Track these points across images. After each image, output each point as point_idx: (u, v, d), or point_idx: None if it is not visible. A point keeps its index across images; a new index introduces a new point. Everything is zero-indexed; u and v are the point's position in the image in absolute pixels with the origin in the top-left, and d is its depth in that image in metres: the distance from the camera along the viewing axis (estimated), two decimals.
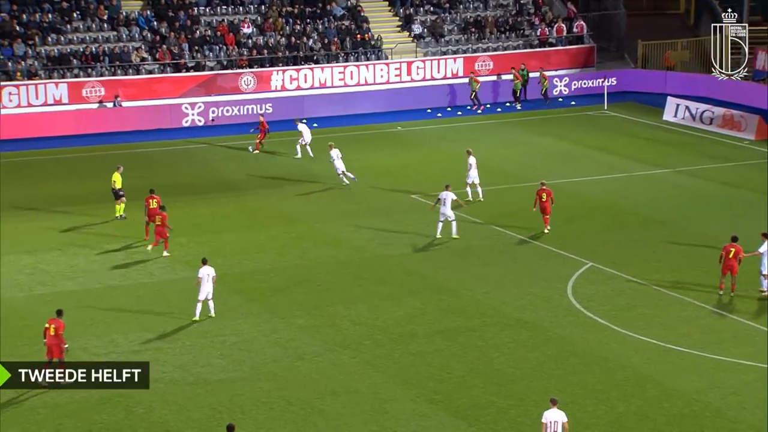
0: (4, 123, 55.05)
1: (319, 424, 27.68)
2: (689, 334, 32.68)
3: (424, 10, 67.17)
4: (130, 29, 61.49)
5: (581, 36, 67.38)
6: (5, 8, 60.26)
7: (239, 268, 38.18)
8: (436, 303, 35.19)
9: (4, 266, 38.14)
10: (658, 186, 48.18)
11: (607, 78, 64.00)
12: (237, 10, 64.43)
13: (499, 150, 53.92)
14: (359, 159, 51.95)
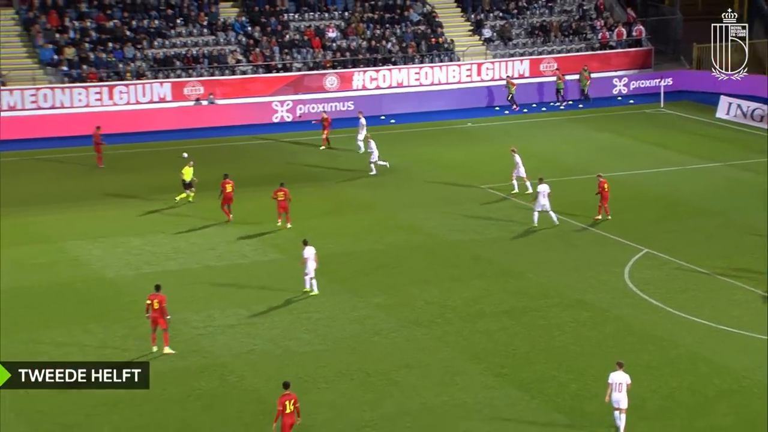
0: (114, 118, 55.74)
1: (395, 394, 27.87)
2: (739, 316, 32.42)
3: (493, 16, 66.92)
4: (227, 34, 61.98)
5: (640, 39, 66.75)
6: (117, 15, 61.08)
7: (322, 252, 38.21)
8: (501, 285, 35.22)
9: (118, 247, 38.80)
10: (710, 179, 47.71)
11: (664, 78, 63.38)
12: (323, 16, 64.68)
13: (562, 145, 53.67)
14: (432, 153, 52.11)
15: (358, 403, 27.37)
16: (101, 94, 57.08)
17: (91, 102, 56.83)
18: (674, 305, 33.22)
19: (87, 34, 59.71)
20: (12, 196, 44.93)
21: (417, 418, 26.56)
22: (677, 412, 26.78)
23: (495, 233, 40.40)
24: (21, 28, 59.84)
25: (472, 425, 26.24)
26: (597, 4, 68.56)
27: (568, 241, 39.39)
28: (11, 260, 37.47)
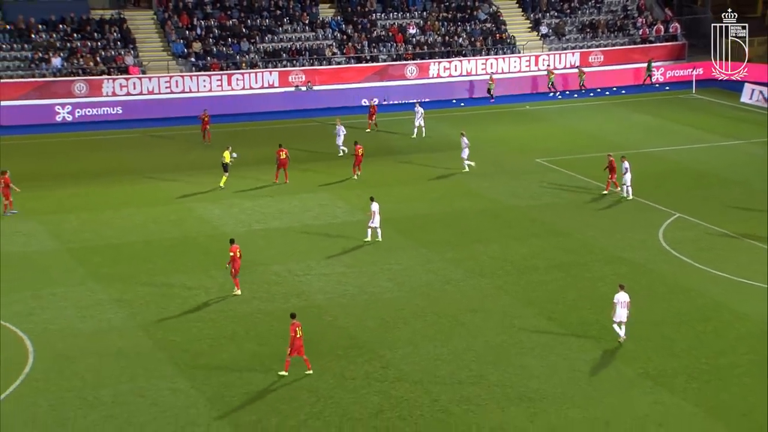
0: (232, 101, 56.19)
1: (462, 334, 27.86)
2: (759, 271, 31.85)
3: (549, 15, 66.01)
4: (325, 30, 62.03)
5: (675, 35, 65.34)
6: (235, 15, 61.47)
7: (401, 214, 38.45)
8: (553, 243, 34.92)
9: (234, 207, 39.18)
10: (735, 154, 46.77)
11: (696, 68, 62.05)
12: (404, 15, 64.37)
13: (606, 124, 52.97)
14: (495, 131, 51.71)
15: (431, 340, 27.40)
16: (221, 81, 57.55)
17: (213, 88, 57.37)
18: (702, 261, 32.68)
19: (211, 31, 60.21)
20: (148, 164, 45.61)
21: (480, 354, 26.53)
22: (703, 351, 26.44)
23: (548, 199, 40.02)
24: (157, 26, 60.57)
25: (526, 361, 26.13)
26: (639, 4, 67.30)
27: (612, 207, 38.86)
28: (150, 218, 38.11)
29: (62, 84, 54.93)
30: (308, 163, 44.26)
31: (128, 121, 53.87)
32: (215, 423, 23.27)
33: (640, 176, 41.14)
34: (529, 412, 23.51)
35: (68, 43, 57.26)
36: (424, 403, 23.99)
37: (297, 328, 25.02)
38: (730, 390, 24.39)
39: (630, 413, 23.36)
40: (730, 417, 23.15)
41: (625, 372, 25.33)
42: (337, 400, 24.21)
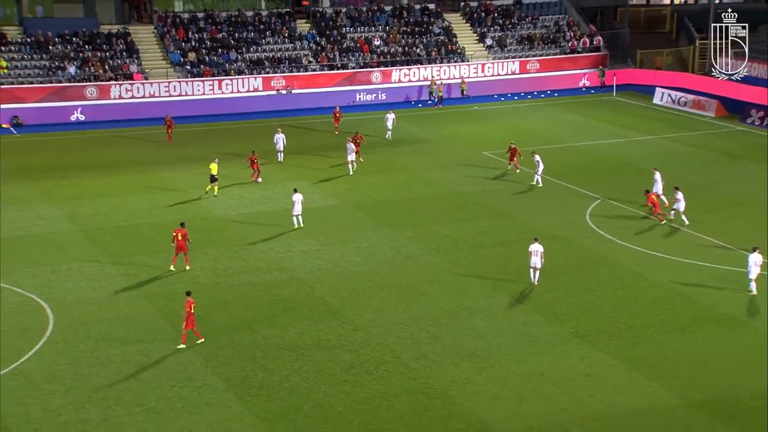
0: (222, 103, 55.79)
1: (421, 301, 27.90)
2: (667, 245, 32.13)
3: (493, 29, 65.97)
4: (302, 42, 61.55)
5: (599, 46, 65.56)
6: (224, 29, 60.79)
7: (368, 199, 38.40)
8: (498, 224, 35.02)
9: (225, 194, 38.83)
10: (649, 147, 47.02)
11: (616, 75, 62.35)
12: (370, 29, 64.02)
13: (542, 122, 53.08)
14: (449, 128, 51.68)
15: (394, 307, 27.43)
16: (213, 86, 56.92)
17: (206, 91, 56.76)
18: (621, 238, 32.93)
19: (203, 43, 59.55)
20: (151, 158, 45.14)
21: (436, 318, 26.60)
22: (622, 313, 26.66)
23: (493, 186, 40.11)
24: (158, 38, 59.84)
25: (475, 323, 26.25)
26: (568, 20, 67.40)
27: (547, 192, 39.02)
28: (153, 203, 37.71)
29: (76, 89, 54.34)
30: (288, 156, 43.98)
31: (133, 121, 53.29)
32: (210, 378, 23.18)
33: (570, 166, 41.39)
34: (477, 366, 23.63)
35: (81, 54, 56.65)
36: (389, 360, 24.04)
37: (192, 304, 24.45)
38: (644, 345, 24.65)
39: (562, 366, 23.56)
40: (644, 367, 23.40)
41: (558, 332, 25.53)
42: (314, 358, 24.19)
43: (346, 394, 22.40)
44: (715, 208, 36.19)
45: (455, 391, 22.46)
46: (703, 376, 22.93)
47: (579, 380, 22.82)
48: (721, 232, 33.08)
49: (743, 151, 45.57)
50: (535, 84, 61.98)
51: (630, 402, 21.84)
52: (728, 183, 39.74)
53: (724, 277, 29.09)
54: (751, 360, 23.67)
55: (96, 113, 53.89)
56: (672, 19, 73.85)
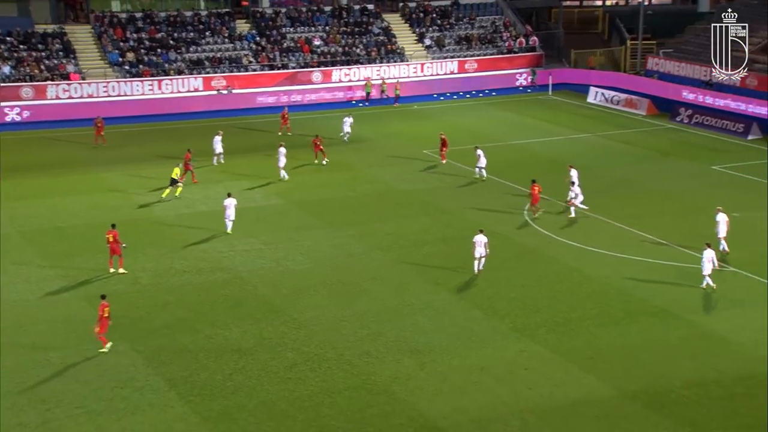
0: (162, 104, 55.03)
1: (363, 298, 27.90)
2: (601, 240, 32.64)
3: (431, 29, 66.34)
4: (242, 42, 61.05)
5: (534, 47, 66.40)
6: (163, 29, 60.02)
7: (311, 198, 38.25)
8: (439, 220, 35.21)
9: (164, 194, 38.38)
10: (583, 145, 47.76)
11: (551, 74, 63.19)
12: (310, 29, 63.77)
13: (480, 121, 53.51)
14: (390, 127, 51.78)
15: (337, 304, 27.38)
16: (153, 86, 56.10)
17: (146, 92, 55.90)
18: (557, 233, 33.40)
19: (142, 43, 58.63)
20: (89, 158, 44.29)
21: (378, 315, 26.63)
22: (559, 307, 27.02)
23: (433, 184, 40.32)
24: (95, 38, 58.69)
25: (417, 319, 26.36)
26: (504, 21, 68.12)
27: (486, 189, 39.36)
28: (92, 204, 37.04)
29: (11, 89, 52.95)
30: (230, 155, 43.52)
31: (70, 121, 52.13)
32: (152, 378, 22.84)
33: (507, 163, 41.85)
34: (420, 361, 23.73)
35: (15, 54, 55.28)
36: (332, 357, 24.00)
37: (105, 308, 24.05)
38: (580, 338, 25.04)
39: (501, 360, 23.81)
40: (580, 360, 23.78)
41: (498, 326, 25.78)
42: (258, 356, 24.03)
43: (290, 391, 22.29)
44: (647, 203, 36.96)
45: (398, 386, 22.52)
46: (636, 367, 23.39)
47: (518, 373, 23.09)
48: (653, 227, 33.78)
49: (673, 148, 46.66)
50: (473, 83, 62.48)
51: (567, 393, 22.18)
52: (659, 179, 40.63)
53: (656, 270, 29.72)
54: (683, 350, 24.24)
55: (33, 114, 52.63)
56: (604, 20, 75.26)
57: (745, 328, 25.39)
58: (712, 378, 22.63)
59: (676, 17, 70.67)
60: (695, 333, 25.21)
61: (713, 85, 56.75)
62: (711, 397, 21.86)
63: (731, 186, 39.23)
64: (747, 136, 48.05)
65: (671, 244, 31.91)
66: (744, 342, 24.50)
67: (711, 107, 53.50)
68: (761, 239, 32.25)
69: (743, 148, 46.14)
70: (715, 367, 23.15)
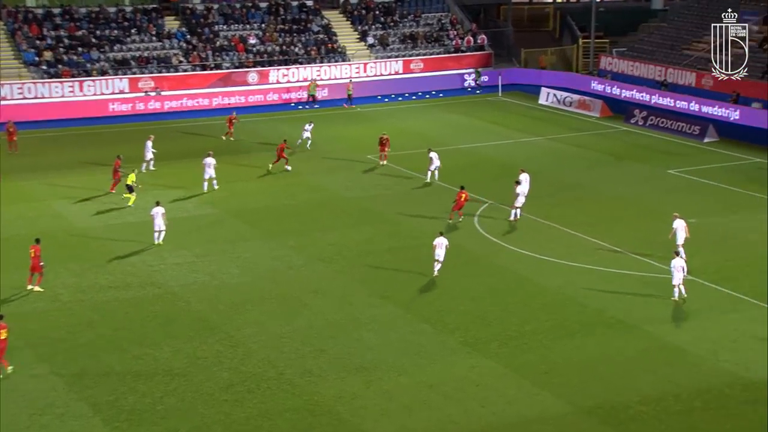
0: (84, 107, 54.23)
1: (304, 313, 27.82)
2: (555, 248, 33.05)
3: (374, 27, 66.64)
4: (171, 40, 60.52)
5: (483, 45, 67.17)
6: (84, 26, 59.15)
7: (248, 207, 38.04)
8: (384, 230, 35.30)
9: (92, 204, 37.73)
10: (535, 148, 48.39)
11: (501, 74, 63.94)
12: (245, 27, 63.54)
13: (427, 124, 53.85)
14: (331, 131, 51.78)
15: (277, 320, 27.26)
16: (73, 88, 55.21)
17: (65, 94, 54.99)
18: (509, 242, 33.75)
19: (61, 41, 57.70)
20: (5, 166, 43.30)
21: (321, 331, 26.58)
22: (511, 320, 27.27)
23: (378, 191, 40.44)
24: (8, 36, 57.53)
25: (362, 335, 26.37)
26: (451, 18, 68.79)
27: (434, 196, 39.58)
28: (11, 215, 36.29)
29: None
30: (161, 162, 43.02)
31: None
32: (74, 404, 22.42)
33: (456, 169, 42.16)
34: (365, 380, 23.75)
35: None
36: (271, 376, 23.87)
37: (2, 329, 23.63)
38: (534, 352, 25.32)
39: (451, 376, 23.94)
40: (534, 375, 24.03)
41: (448, 341, 25.93)
42: (191, 377, 23.77)
43: (226, 414, 22.10)
44: (601, 209, 37.62)
45: (342, 406, 22.50)
46: (593, 381, 23.75)
47: (469, 390, 23.25)
48: (608, 234, 34.38)
49: (628, 151, 47.57)
50: (419, 84, 62.91)
51: (520, 411, 22.41)
52: (614, 184, 41.39)
53: (612, 280, 30.24)
54: (641, 363, 24.68)
55: None
56: (555, 18, 76.48)
57: (702, 338, 25.99)
58: (670, 392, 23.08)
59: (629, 15, 72.20)
60: (653, 345, 25.70)
61: (668, 85, 58.15)
62: (669, 412, 22.29)
63: (688, 190, 40.17)
64: (703, 138, 49.26)
65: (627, 251, 32.52)
66: (702, 354, 25.06)
67: (666, 108, 54.77)
68: (719, 246, 33.08)
69: (700, 151, 47.29)
70: (673, 381, 23.62)
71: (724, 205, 37.83)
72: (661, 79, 58.92)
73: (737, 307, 27.93)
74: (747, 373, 23.91)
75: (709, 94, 55.09)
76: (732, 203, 38.21)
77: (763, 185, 40.35)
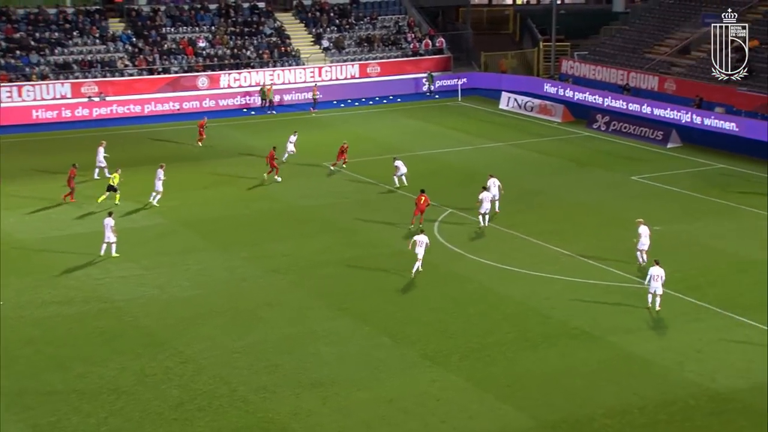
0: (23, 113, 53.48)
1: (259, 327, 27.68)
2: (518, 258, 33.25)
3: (330, 30, 66.70)
4: (116, 43, 59.99)
5: (441, 48, 67.54)
6: (22, 28, 58.39)
7: (199, 216, 37.78)
8: (342, 239, 35.27)
9: (33, 215, 37.29)
10: (496, 154, 48.64)
11: (460, 78, 64.31)
12: (194, 29, 63.20)
13: (385, 130, 53.98)
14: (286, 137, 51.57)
15: (229, 334, 27.08)
16: (11, 93, 54.52)
17: (3, 99, 54.25)
18: (471, 251, 33.89)
19: None
20: None
21: (276, 345, 26.46)
22: (473, 331, 27.35)
23: (335, 199, 40.41)
24: None
25: (319, 348, 26.29)
26: (409, 21, 69.09)
27: (392, 204, 39.62)
28: None
29: None
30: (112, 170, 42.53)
31: None
32: (13, 426, 22.03)
33: (416, 175, 42.23)
34: (322, 395, 23.66)
35: None
36: (223, 393, 23.69)
37: None
38: (496, 364, 25.42)
39: (411, 391, 23.95)
40: (497, 388, 24.11)
41: (408, 354, 25.94)
42: (138, 396, 23.50)
43: None
44: (564, 217, 37.97)
45: (297, 424, 22.40)
46: (556, 394, 23.91)
47: (430, 405, 23.27)
48: (571, 242, 34.70)
49: (590, 157, 48.11)
50: (376, 89, 63.05)
51: (483, 426, 22.48)
52: (577, 191, 41.82)
53: (575, 289, 30.51)
54: (605, 375, 24.91)
55: None
56: (515, 20, 77.20)
57: (667, 349, 26.32)
58: (635, 404, 23.32)
59: (591, 17, 73.17)
60: (617, 356, 25.95)
61: (630, 90, 58.97)
62: (634, 426, 22.51)
63: (651, 197, 40.72)
64: (667, 144, 50.01)
65: (590, 260, 32.85)
66: (667, 364, 25.37)
67: (629, 113, 55.53)
68: (683, 254, 33.57)
69: (663, 157, 47.99)
70: (638, 393, 23.87)
71: (687, 212, 38.41)
72: (624, 83, 59.73)
73: (702, 316, 28.34)
74: (713, 384, 24.24)
75: (672, 99, 55.97)
76: (696, 210, 38.82)
77: (726, 191, 41.06)
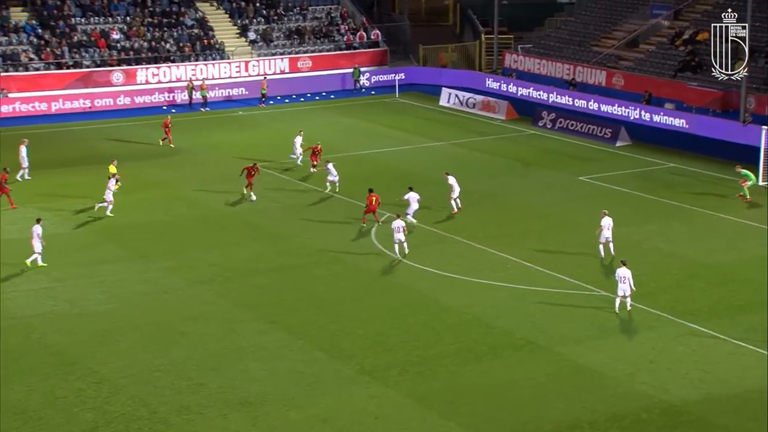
0: None
1: (182, 342, 27.36)
2: (460, 264, 33.39)
3: (257, 21, 66.38)
4: (19, 35, 58.89)
5: (377, 41, 67.71)
6: None
7: (115, 223, 37.22)
8: (272, 247, 35.10)
9: None
10: (436, 154, 48.87)
11: (398, 73, 64.53)
12: (107, 20, 62.42)
13: (317, 129, 53.70)
14: (211, 137, 51.25)
15: (149, 351, 26.71)
16: None
17: None
18: (411, 258, 33.91)
19: None
20: None
21: (200, 362, 26.17)
22: (414, 343, 27.39)
23: (265, 204, 40.16)
24: None
25: (247, 365, 26.08)
26: (341, 12, 69.11)
27: (326, 209, 39.56)
28: None
29: None
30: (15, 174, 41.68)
31: None
32: None
33: (351, 178, 42.22)
34: (251, 416, 23.46)
35: None
36: (143, 415, 23.33)
37: None
38: (439, 378, 25.49)
39: (348, 409, 23.88)
40: (439, 404, 24.15)
41: (343, 370, 25.86)
42: (47, 420, 23.03)
43: None
44: (509, 221, 38.28)
45: None
46: (502, 408, 24.05)
47: (368, 424, 23.23)
48: (516, 247, 34.96)
49: (536, 156, 48.61)
50: (308, 84, 62.95)
51: None
52: (522, 193, 42.20)
53: (521, 297, 30.74)
54: (553, 388, 25.11)
55: None
56: (455, 11, 77.78)
57: (619, 359, 26.65)
58: (584, 419, 23.56)
59: (534, 8, 74.03)
60: (566, 367, 26.20)
61: (576, 85, 59.77)
62: None
63: (600, 198, 41.22)
64: (615, 142, 50.77)
65: (536, 266, 33.14)
66: (618, 376, 25.69)
67: (576, 110, 56.28)
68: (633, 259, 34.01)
69: (611, 156, 48.72)
70: (588, 406, 24.12)
71: (637, 214, 39.00)
72: (570, 78, 60.53)
73: (654, 325, 28.76)
74: (665, 395, 24.61)
75: (621, 95, 56.89)
76: (646, 211, 39.45)
77: (677, 191, 41.83)
